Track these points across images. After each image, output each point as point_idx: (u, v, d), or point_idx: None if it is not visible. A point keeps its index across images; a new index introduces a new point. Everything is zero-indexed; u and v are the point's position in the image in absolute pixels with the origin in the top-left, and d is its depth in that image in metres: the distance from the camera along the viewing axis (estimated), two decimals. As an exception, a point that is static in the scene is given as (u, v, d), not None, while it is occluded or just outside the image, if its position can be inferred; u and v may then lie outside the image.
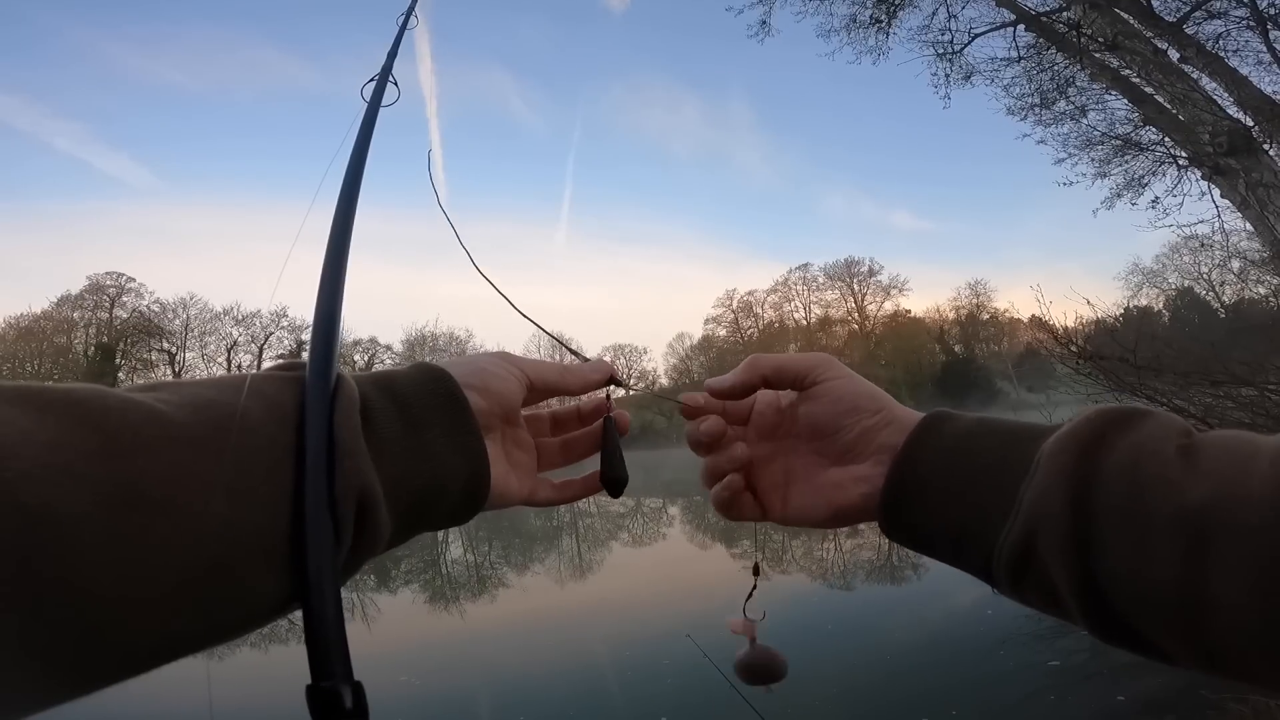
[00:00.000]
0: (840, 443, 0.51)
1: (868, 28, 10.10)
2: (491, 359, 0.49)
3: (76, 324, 58.58)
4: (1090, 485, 0.39)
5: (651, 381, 75.13)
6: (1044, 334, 5.82)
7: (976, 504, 0.43)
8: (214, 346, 60.78)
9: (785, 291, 76.26)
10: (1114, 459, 0.39)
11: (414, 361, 0.48)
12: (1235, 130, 6.06)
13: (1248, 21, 7.55)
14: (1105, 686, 4.28)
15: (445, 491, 0.43)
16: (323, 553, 0.34)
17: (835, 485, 0.51)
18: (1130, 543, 0.36)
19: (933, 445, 0.47)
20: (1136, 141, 8.93)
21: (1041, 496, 0.40)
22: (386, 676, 5.89)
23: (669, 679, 5.03)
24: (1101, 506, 0.38)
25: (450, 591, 10.76)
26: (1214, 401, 4.63)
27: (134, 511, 0.29)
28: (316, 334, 0.42)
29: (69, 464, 0.28)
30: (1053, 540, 0.39)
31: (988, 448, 0.45)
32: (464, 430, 0.44)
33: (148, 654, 0.31)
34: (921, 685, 4.68)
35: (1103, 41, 7.19)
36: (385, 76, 0.64)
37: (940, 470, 0.45)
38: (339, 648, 0.33)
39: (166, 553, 0.30)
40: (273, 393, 0.37)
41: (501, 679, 5.79)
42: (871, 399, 0.51)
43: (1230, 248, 10.73)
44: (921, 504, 0.46)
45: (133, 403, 0.32)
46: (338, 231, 0.49)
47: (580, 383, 0.54)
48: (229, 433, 0.33)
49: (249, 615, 0.34)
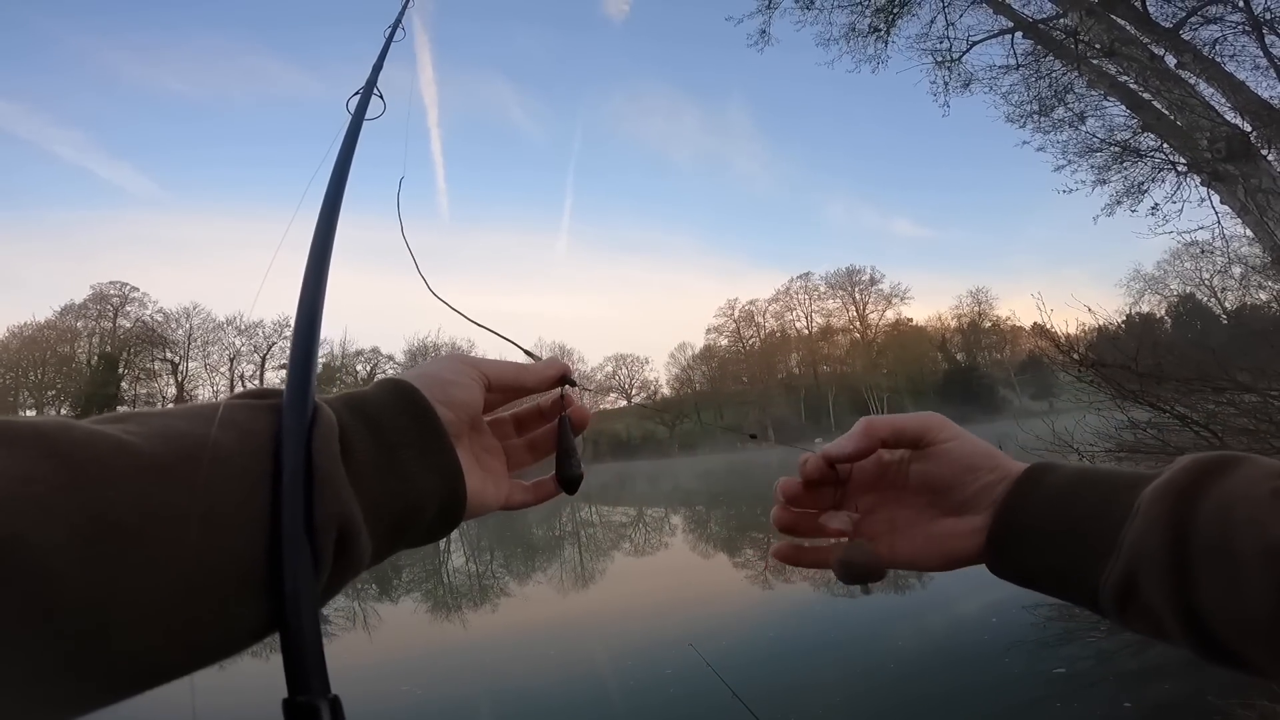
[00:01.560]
0: (956, 498, 0.54)
1: (866, 36, 10.17)
2: (449, 365, 0.49)
3: (80, 333, 58.77)
4: (1186, 528, 0.42)
5: (653, 392, 75.02)
6: (1046, 341, 5.81)
7: (1079, 548, 0.47)
8: (217, 356, 61.02)
9: (787, 300, 76.58)
10: (1208, 504, 0.42)
11: (377, 379, 0.48)
12: (1233, 136, 6.07)
13: (1244, 26, 7.59)
14: (1112, 694, 4.24)
15: (423, 511, 0.43)
16: (301, 573, 0.34)
17: (950, 535, 0.54)
18: (1224, 579, 0.39)
19: (1034, 495, 0.50)
20: (1135, 148, 8.97)
21: (1140, 539, 0.44)
22: (389, 686, 5.87)
23: (671, 688, 5.00)
24: (1196, 548, 0.41)
25: (452, 601, 10.73)
26: (1217, 408, 4.62)
27: (106, 542, 0.29)
28: (294, 360, 0.42)
29: (38, 496, 0.28)
30: (1153, 578, 0.42)
31: (1088, 500, 0.49)
32: (438, 449, 0.44)
33: (128, 681, 0.31)
34: (927, 693, 4.65)
35: (1100, 48, 7.22)
36: (370, 90, 0.64)
37: (1042, 518, 0.49)
38: (316, 661, 0.34)
39: (141, 581, 0.30)
40: (245, 421, 0.38)
41: (503, 688, 5.76)
42: (988, 457, 0.54)
43: (1231, 253, 10.73)
44: (1025, 549, 0.50)
45: (99, 434, 0.32)
46: (315, 258, 0.49)
47: (536, 380, 0.54)
48: (199, 462, 0.34)
49: (228, 641, 0.34)
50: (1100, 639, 5.11)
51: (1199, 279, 54.19)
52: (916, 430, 0.55)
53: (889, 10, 9.86)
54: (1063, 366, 5.65)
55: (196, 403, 0.40)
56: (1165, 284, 56.89)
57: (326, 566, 0.37)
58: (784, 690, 4.83)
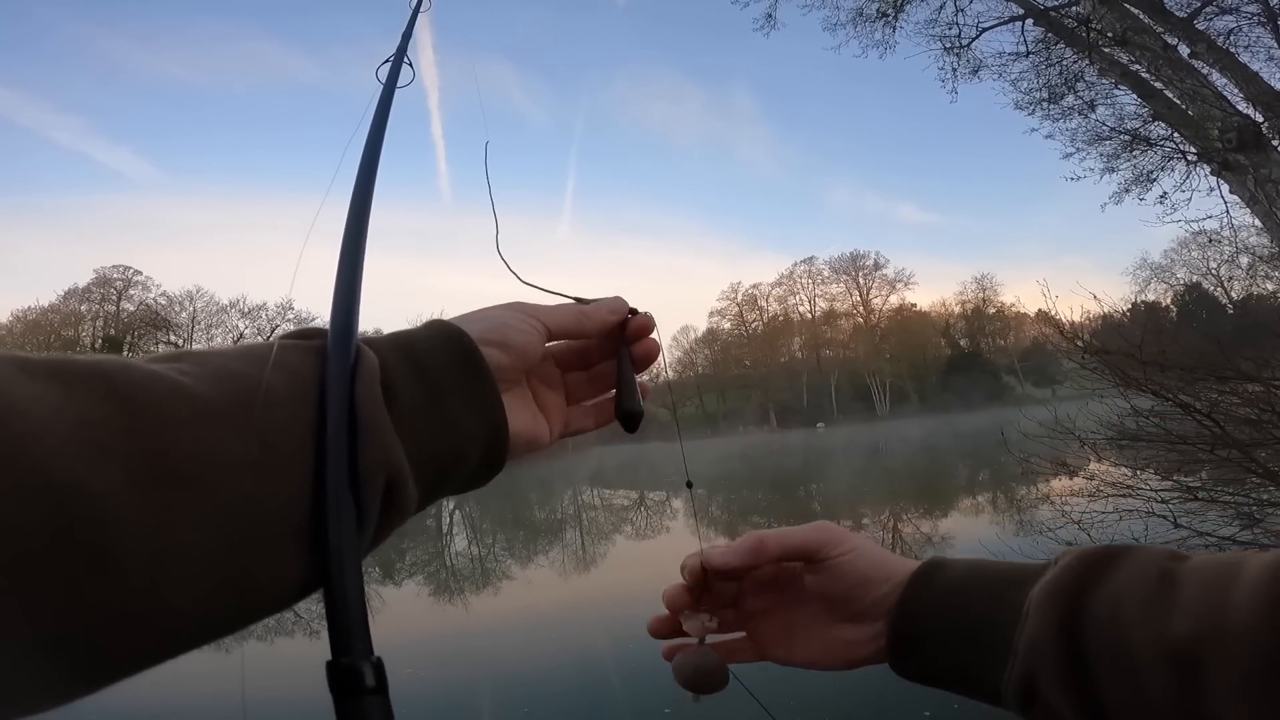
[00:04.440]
0: (852, 609, 0.55)
1: (874, 21, 10.06)
2: (508, 311, 0.48)
3: (84, 317, 58.82)
4: (1079, 630, 0.43)
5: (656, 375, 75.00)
6: (1050, 328, 5.79)
7: (974, 652, 0.48)
8: (221, 339, 60.92)
9: (790, 284, 76.21)
10: (1097, 603, 0.43)
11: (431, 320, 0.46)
12: (1244, 126, 6.02)
13: (1259, 17, 7.50)
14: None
15: (467, 458, 0.43)
16: (344, 530, 0.34)
17: (849, 642, 0.55)
18: (1123, 677, 0.41)
19: (925, 600, 0.51)
20: (1145, 136, 8.89)
21: (1033, 645, 0.44)
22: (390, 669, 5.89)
23: (672, 671, 5.04)
24: (1091, 650, 0.42)
25: (454, 584, 10.81)
26: (1220, 397, 4.61)
27: (162, 488, 0.29)
28: (338, 303, 0.41)
29: (98, 440, 0.28)
30: (1053, 682, 0.43)
31: (976, 600, 0.49)
32: (482, 395, 0.43)
33: (185, 633, 0.31)
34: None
35: (1112, 36, 7.13)
36: (400, 57, 0.63)
37: (934, 623, 0.50)
38: (360, 624, 0.33)
39: (197, 529, 0.29)
40: (295, 364, 0.37)
41: (505, 671, 5.82)
42: (880, 568, 0.54)
43: (1239, 243, 10.68)
44: (923, 652, 0.51)
45: (157, 376, 0.31)
46: (358, 203, 0.48)
47: (599, 324, 0.52)
48: (251, 407, 0.33)
49: (279, 594, 0.34)
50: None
51: (1206, 268, 53.99)
52: (808, 546, 0.55)
53: (897, -6, 9.75)
54: (1066, 353, 5.64)
55: (251, 342, 0.39)
56: (1172, 273, 56.64)
57: (374, 517, 0.36)
58: (783, 671, 4.86)
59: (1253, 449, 4.22)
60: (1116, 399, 5.11)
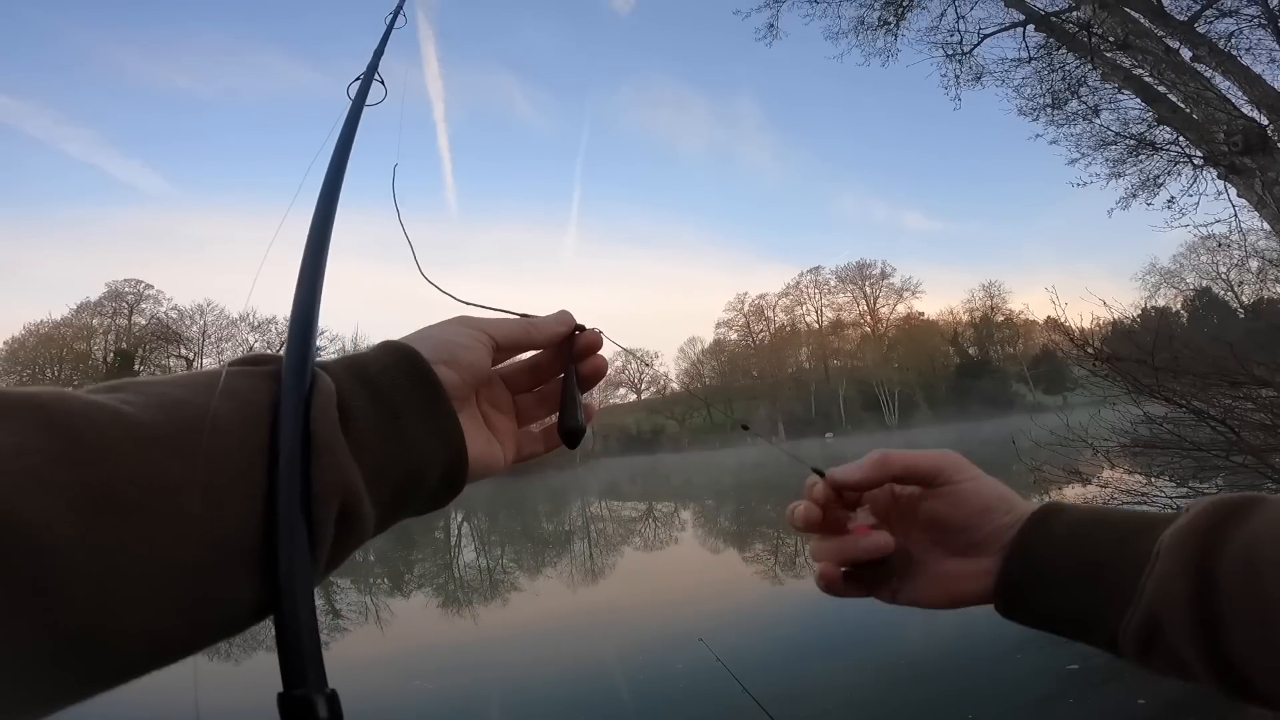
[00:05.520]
0: (967, 540, 0.53)
1: (876, 30, 10.08)
2: (453, 328, 0.48)
3: (96, 330, 59.32)
4: (1212, 575, 0.41)
5: (663, 386, 74.96)
6: (1060, 335, 5.76)
7: (1094, 594, 0.47)
8: (231, 352, 61.27)
9: (797, 294, 76.16)
10: (1231, 549, 0.41)
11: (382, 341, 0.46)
12: (1250, 129, 6.00)
13: (1259, 19, 7.47)
14: (1125, 690, 4.21)
15: (425, 477, 0.42)
16: (297, 555, 0.33)
17: (957, 576, 0.53)
18: (1255, 625, 0.39)
19: (1046, 538, 0.50)
20: (1150, 141, 8.84)
21: (1163, 587, 0.43)
22: (400, 681, 5.91)
23: (681, 683, 5.01)
24: (1223, 595, 0.40)
25: (463, 596, 10.79)
26: (1233, 403, 4.56)
27: (104, 515, 0.29)
28: (294, 327, 0.41)
29: (35, 469, 0.28)
30: (1179, 627, 0.42)
31: (1101, 543, 0.48)
32: (439, 413, 0.43)
33: (131, 660, 0.30)
34: (938, 689, 4.64)
35: (1113, 41, 7.13)
36: (370, 74, 0.63)
37: (1055, 562, 0.49)
38: (313, 653, 0.32)
39: (141, 556, 0.29)
40: (244, 389, 0.37)
41: (514, 683, 5.79)
42: (1002, 499, 0.53)
43: (1248, 247, 10.62)
44: (1039, 592, 0.49)
45: (96, 404, 0.31)
46: (318, 226, 0.48)
47: (546, 336, 0.52)
48: (197, 433, 0.33)
49: (232, 618, 0.34)
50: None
51: (1215, 272, 53.59)
52: (931, 469, 0.54)
53: (898, 3, 9.78)
54: (1077, 361, 5.59)
55: (197, 370, 0.39)
56: (1181, 278, 56.24)
57: (328, 538, 0.36)
58: (795, 686, 4.83)
59: (1268, 454, 4.18)
60: (1129, 406, 5.07)
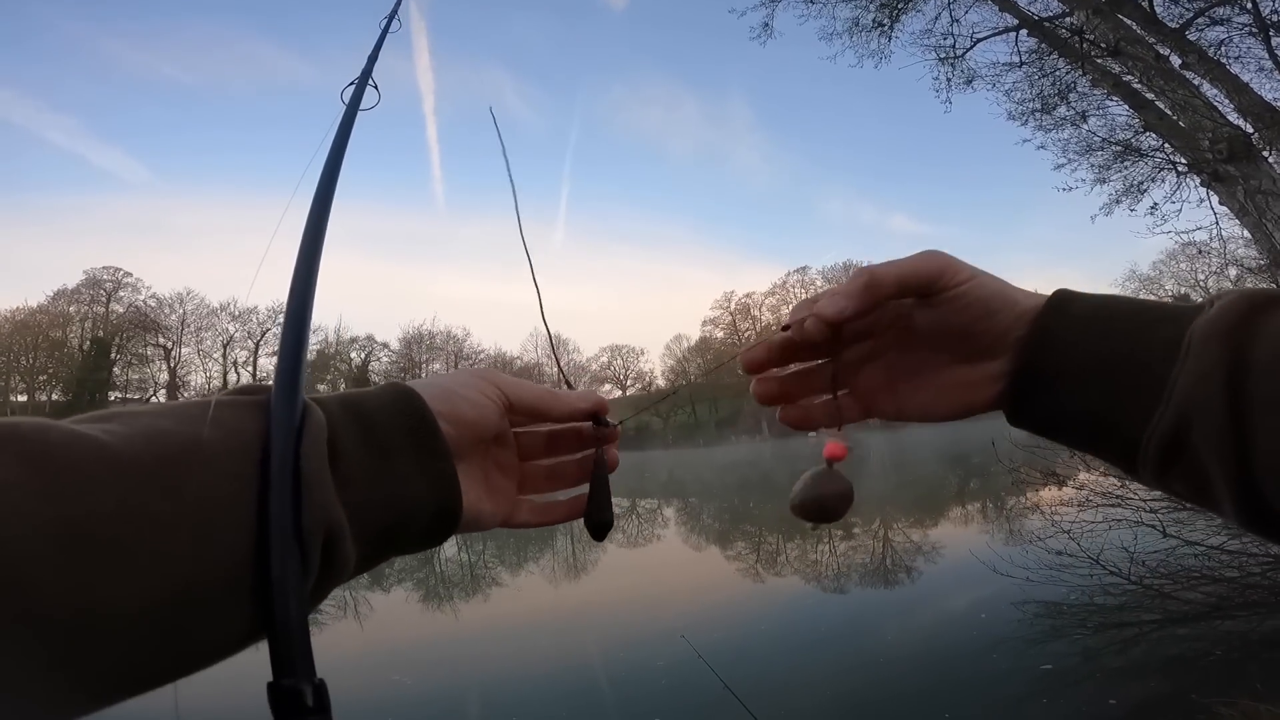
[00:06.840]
0: (971, 345, 0.47)
1: (870, 31, 10.11)
2: (467, 380, 0.47)
3: (73, 318, 58.48)
4: (1247, 373, 0.36)
5: (648, 383, 75.10)
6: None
7: (1114, 392, 0.41)
8: (210, 342, 60.78)
9: (783, 294, 76.42)
10: (1261, 346, 0.36)
11: (387, 380, 0.46)
12: (1235, 137, 6.07)
13: (1250, 28, 7.57)
14: (1097, 691, 4.28)
15: (413, 520, 0.42)
16: (288, 558, 0.34)
17: (963, 384, 0.48)
18: None
19: (1060, 331, 0.44)
20: (1136, 147, 8.95)
21: (1197, 384, 0.37)
22: (379, 675, 5.86)
23: (663, 679, 5.01)
24: (1259, 396, 0.35)
25: (444, 590, 10.75)
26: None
27: (84, 548, 0.29)
28: (284, 357, 0.41)
29: (13, 504, 0.27)
30: (1210, 432, 0.37)
31: (1121, 334, 0.41)
32: (433, 456, 0.42)
33: (112, 687, 0.31)
34: (914, 688, 4.67)
35: (1105, 47, 7.20)
36: (365, 80, 0.63)
37: (1071, 357, 0.43)
38: (302, 645, 0.33)
39: (122, 587, 0.29)
40: (233, 421, 0.37)
41: (494, 679, 5.77)
42: (1005, 297, 0.46)
43: (1227, 255, 10.73)
44: (1053, 393, 0.43)
45: (78, 436, 0.31)
46: (305, 257, 0.47)
47: (566, 411, 0.51)
48: (182, 464, 0.33)
49: (217, 646, 0.34)
50: (1086, 636, 5.16)
51: (1194, 280, 54.21)
52: (927, 278, 0.47)
53: (893, 6, 9.82)
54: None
55: (186, 400, 0.39)
56: (1160, 284, 56.91)
57: (313, 572, 0.36)
58: (774, 682, 4.85)
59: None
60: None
